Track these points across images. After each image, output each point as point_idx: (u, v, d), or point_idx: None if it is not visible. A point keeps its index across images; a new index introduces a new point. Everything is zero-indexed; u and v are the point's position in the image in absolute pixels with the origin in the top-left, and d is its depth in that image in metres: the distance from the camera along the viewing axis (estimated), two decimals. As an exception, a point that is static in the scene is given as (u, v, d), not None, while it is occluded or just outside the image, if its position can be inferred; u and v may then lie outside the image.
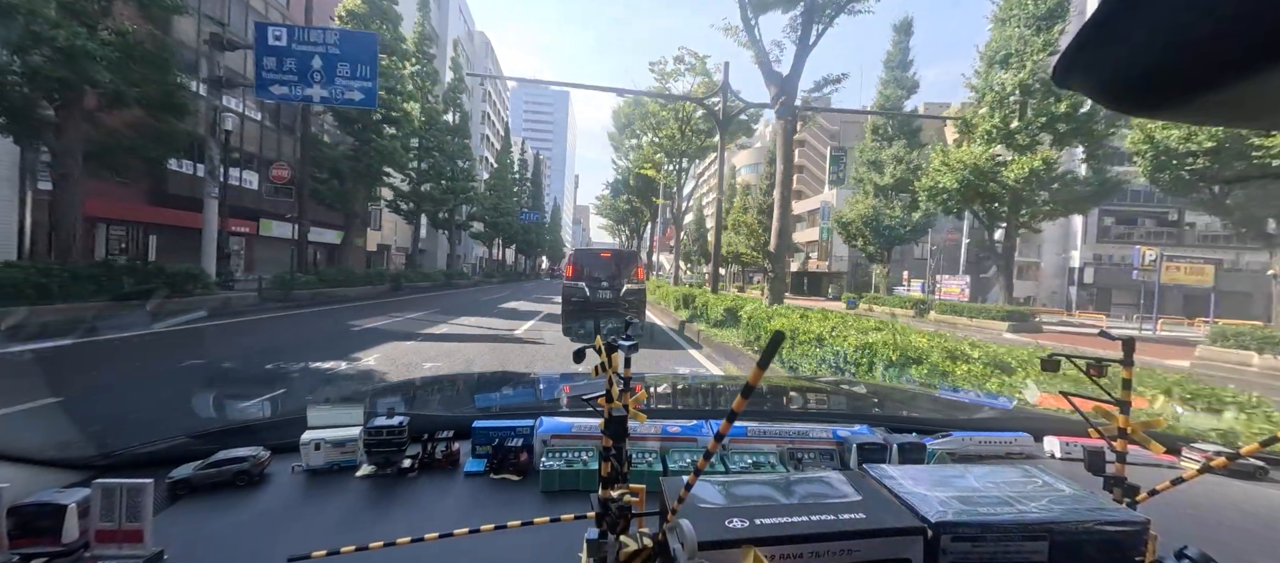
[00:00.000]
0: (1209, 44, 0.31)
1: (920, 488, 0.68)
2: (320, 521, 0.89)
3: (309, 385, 5.24)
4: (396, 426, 1.08)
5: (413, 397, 1.99)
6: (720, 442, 0.55)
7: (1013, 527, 0.60)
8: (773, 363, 0.47)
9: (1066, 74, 0.39)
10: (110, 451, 1.11)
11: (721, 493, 0.67)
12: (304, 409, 1.17)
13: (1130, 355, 0.75)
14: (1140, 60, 0.35)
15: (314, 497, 0.98)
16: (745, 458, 1.12)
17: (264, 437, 1.20)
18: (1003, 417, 1.64)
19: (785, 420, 1.30)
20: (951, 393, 2.41)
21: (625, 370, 0.69)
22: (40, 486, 0.87)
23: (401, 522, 0.89)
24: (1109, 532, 0.60)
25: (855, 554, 0.57)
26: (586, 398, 0.70)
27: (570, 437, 1.12)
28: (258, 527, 0.87)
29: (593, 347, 0.68)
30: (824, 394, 2.16)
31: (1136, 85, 0.36)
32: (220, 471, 1.00)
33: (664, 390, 1.90)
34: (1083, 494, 0.67)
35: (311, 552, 0.73)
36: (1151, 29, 0.33)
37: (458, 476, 1.08)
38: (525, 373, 2.55)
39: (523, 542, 0.81)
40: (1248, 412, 2.39)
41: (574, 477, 1.02)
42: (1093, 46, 0.36)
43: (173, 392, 4.34)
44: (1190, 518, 0.98)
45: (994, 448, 1.26)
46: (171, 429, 1.29)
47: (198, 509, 0.93)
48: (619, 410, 0.65)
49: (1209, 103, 0.35)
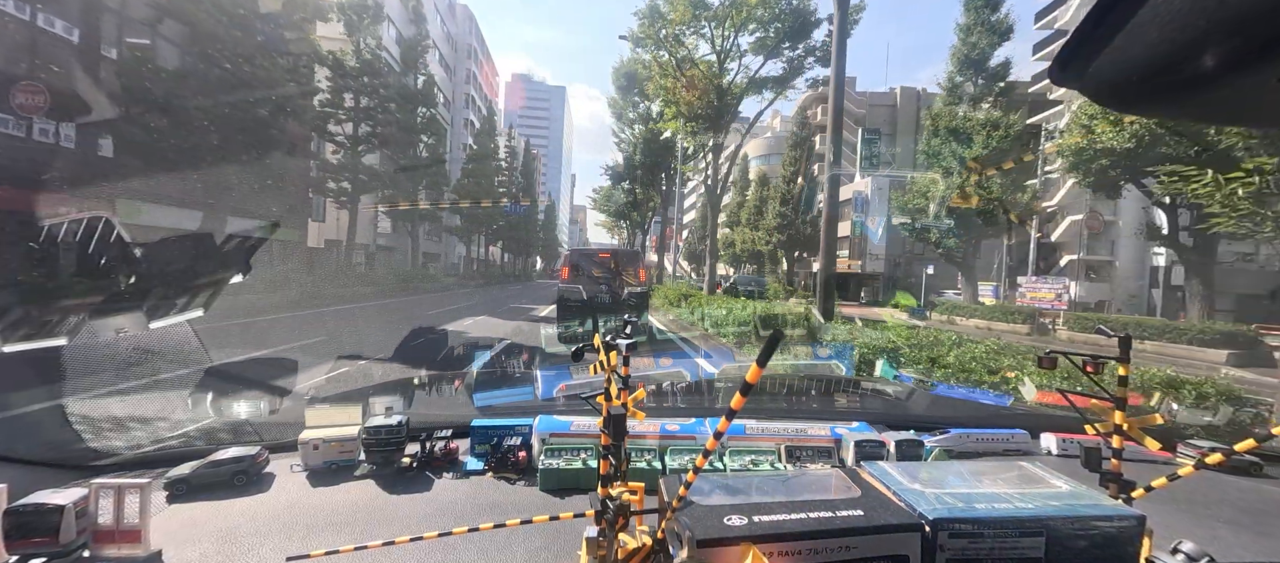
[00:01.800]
0: (1201, 44, 0.31)
1: (917, 485, 0.68)
2: (319, 520, 0.89)
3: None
4: (395, 425, 1.08)
5: (411, 396, 1.99)
6: (719, 440, 0.55)
7: (1009, 523, 0.60)
8: (771, 361, 0.47)
9: (1062, 73, 0.39)
10: (107, 450, 1.11)
11: (720, 491, 0.67)
12: (302, 409, 1.17)
13: (1127, 353, 0.76)
14: (1134, 60, 0.35)
15: (313, 496, 0.98)
16: (744, 456, 1.13)
17: (262, 436, 1.20)
18: (1000, 414, 1.65)
19: (784, 419, 1.31)
20: (949, 390, 2.41)
21: (624, 369, 0.69)
22: (38, 486, 0.87)
23: (401, 521, 0.89)
24: (1105, 528, 0.61)
25: (853, 551, 0.57)
26: (585, 397, 0.71)
27: (569, 435, 1.12)
28: (256, 526, 0.87)
29: (591, 346, 0.68)
30: (822, 393, 2.17)
31: (1131, 84, 0.37)
32: (218, 470, 1.00)
33: (663, 389, 1.90)
34: (1079, 490, 0.67)
35: (310, 551, 0.73)
36: (1145, 29, 0.33)
37: (456, 474, 1.08)
38: (524, 372, 2.56)
39: (522, 540, 0.81)
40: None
41: (573, 475, 1.02)
42: (1087, 46, 0.36)
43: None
44: (1186, 514, 0.99)
45: (991, 445, 1.27)
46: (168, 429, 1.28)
47: (196, 509, 0.93)
48: (618, 409, 0.65)
49: (1201, 101, 0.35)
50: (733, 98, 17.78)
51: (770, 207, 37.67)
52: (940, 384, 3.27)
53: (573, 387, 1.78)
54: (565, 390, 1.76)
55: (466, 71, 50.85)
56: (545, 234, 72.60)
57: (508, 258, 59.72)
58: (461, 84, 49.39)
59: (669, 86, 17.79)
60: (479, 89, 55.00)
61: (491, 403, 1.87)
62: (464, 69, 50.21)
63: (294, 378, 3.43)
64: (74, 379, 1.49)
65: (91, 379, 4.31)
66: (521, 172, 53.24)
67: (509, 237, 49.80)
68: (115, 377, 4.68)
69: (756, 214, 39.52)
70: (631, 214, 37.99)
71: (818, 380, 2.58)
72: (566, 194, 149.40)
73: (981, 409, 1.75)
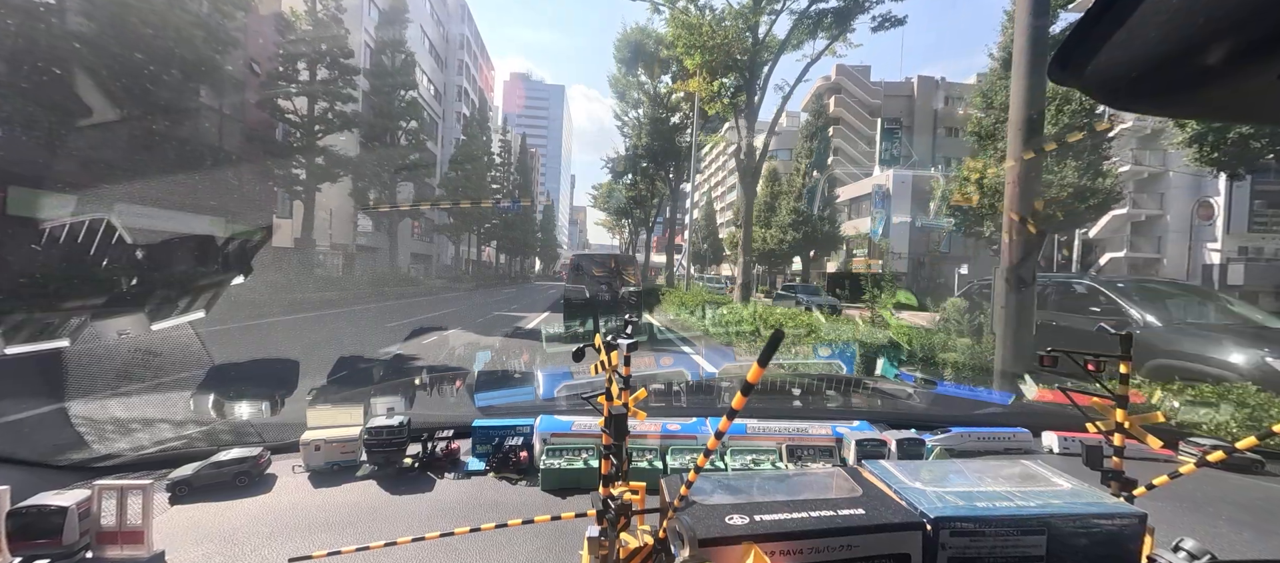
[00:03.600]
0: (1201, 42, 0.31)
1: (919, 484, 0.68)
2: (321, 520, 0.89)
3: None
4: (396, 425, 1.08)
5: (412, 396, 1.99)
6: (720, 439, 0.55)
7: (1011, 521, 0.60)
8: (772, 361, 0.47)
9: (1062, 71, 0.39)
10: (110, 452, 1.11)
11: (722, 490, 0.67)
12: (304, 409, 1.17)
13: (1128, 351, 0.76)
14: (1132, 57, 0.35)
15: (315, 497, 0.98)
16: (745, 455, 1.13)
17: (264, 437, 1.20)
18: (1001, 413, 1.65)
19: (785, 418, 1.31)
20: (950, 389, 2.41)
21: (625, 369, 0.69)
22: (40, 488, 0.87)
23: (402, 521, 0.89)
24: (1107, 526, 0.61)
25: (855, 550, 0.57)
26: (586, 396, 0.71)
27: (570, 435, 1.12)
28: (258, 527, 0.87)
29: (592, 346, 0.69)
30: (823, 392, 2.16)
31: (1130, 83, 0.37)
32: (220, 471, 1.00)
33: (664, 389, 1.90)
34: (1081, 489, 0.68)
35: (313, 552, 0.73)
36: (1143, 27, 0.33)
37: (458, 475, 1.08)
38: (525, 372, 2.56)
39: (524, 540, 0.81)
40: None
41: (574, 475, 1.02)
42: (1087, 43, 0.36)
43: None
44: (1187, 512, 0.99)
45: (993, 444, 1.27)
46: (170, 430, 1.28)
47: (198, 510, 0.93)
48: (619, 409, 0.65)
49: (1201, 100, 0.35)
50: (770, 51, 13.96)
51: (783, 203, 35.03)
52: (942, 383, 3.27)
53: (573, 387, 1.78)
54: (566, 390, 1.77)
55: (459, 63, 47.28)
56: (543, 235, 69.04)
57: (504, 260, 55.56)
58: (454, 75, 46.26)
59: (692, 27, 13.68)
60: (473, 82, 51.13)
61: (493, 403, 1.88)
62: (456, 59, 46.67)
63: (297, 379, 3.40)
64: (76, 382, 1.49)
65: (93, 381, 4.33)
66: (517, 168, 49.87)
67: (504, 237, 45.90)
68: (117, 379, 4.70)
69: (767, 211, 36.55)
70: (634, 211, 34.70)
71: (819, 380, 2.58)
72: (566, 195, 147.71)
73: (983, 408, 1.75)
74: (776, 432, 1.19)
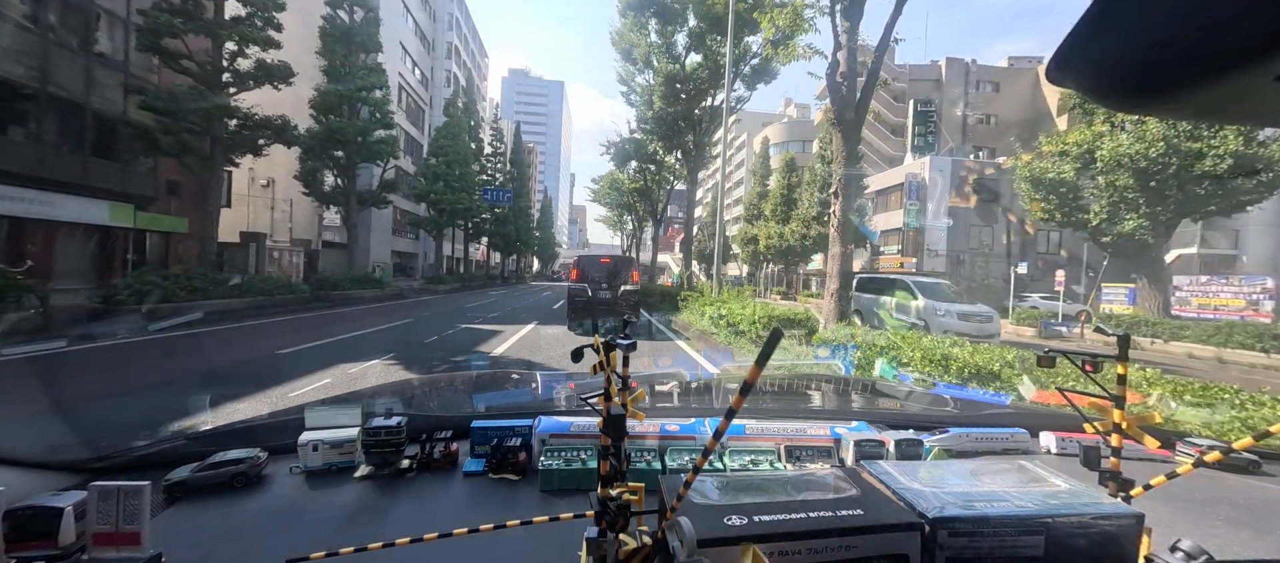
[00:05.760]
0: (1198, 42, 0.31)
1: (917, 484, 0.68)
2: (319, 522, 0.89)
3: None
4: (394, 426, 1.08)
5: (411, 397, 1.98)
6: (719, 439, 0.55)
7: (1009, 521, 0.60)
8: (770, 361, 0.47)
9: (1060, 72, 0.39)
10: (106, 453, 1.10)
11: (720, 491, 0.67)
12: (302, 410, 1.17)
13: (1125, 351, 0.76)
14: (1130, 59, 0.35)
15: (312, 498, 0.98)
16: (744, 456, 1.13)
17: (261, 438, 1.19)
18: (999, 413, 1.65)
19: (783, 418, 1.31)
20: (948, 390, 2.42)
21: (623, 369, 0.69)
22: (36, 489, 0.87)
23: (400, 522, 0.89)
24: (1104, 526, 0.61)
25: (853, 550, 0.58)
26: (585, 397, 0.71)
27: (569, 436, 1.12)
28: (256, 529, 0.87)
29: (591, 346, 0.68)
30: (822, 392, 2.17)
31: (1130, 83, 0.37)
32: (218, 472, 1.00)
33: (662, 389, 1.90)
34: (1078, 489, 0.68)
35: (310, 553, 0.73)
36: (1141, 28, 0.33)
37: (456, 475, 1.08)
38: (523, 373, 2.56)
39: (522, 541, 0.81)
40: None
41: (573, 476, 1.02)
42: (1085, 45, 0.36)
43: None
44: (1185, 512, 0.99)
45: (990, 444, 1.27)
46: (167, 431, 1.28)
47: (195, 511, 0.93)
48: (617, 409, 0.65)
49: (1201, 100, 0.35)
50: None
51: (803, 196, 32.23)
52: (940, 384, 3.28)
53: (572, 387, 1.78)
54: (565, 391, 1.76)
55: (448, 45, 43.00)
56: (541, 233, 65.11)
57: (498, 258, 50.98)
58: (442, 59, 42.28)
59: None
60: (464, 67, 46.73)
61: (491, 404, 1.87)
62: (444, 42, 42.49)
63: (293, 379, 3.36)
64: (74, 383, 1.49)
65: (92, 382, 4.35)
66: (511, 160, 46.16)
67: (494, 233, 41.33)
68: (117, 380, 4.69)
69: (784, 205, 34.50)
70: (638, 205, 30.10)
71: (817, 380, 2.58)
72: (565, 193, 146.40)
73: (980, 408, 1.75)
74: (775, 432, 1.19)
